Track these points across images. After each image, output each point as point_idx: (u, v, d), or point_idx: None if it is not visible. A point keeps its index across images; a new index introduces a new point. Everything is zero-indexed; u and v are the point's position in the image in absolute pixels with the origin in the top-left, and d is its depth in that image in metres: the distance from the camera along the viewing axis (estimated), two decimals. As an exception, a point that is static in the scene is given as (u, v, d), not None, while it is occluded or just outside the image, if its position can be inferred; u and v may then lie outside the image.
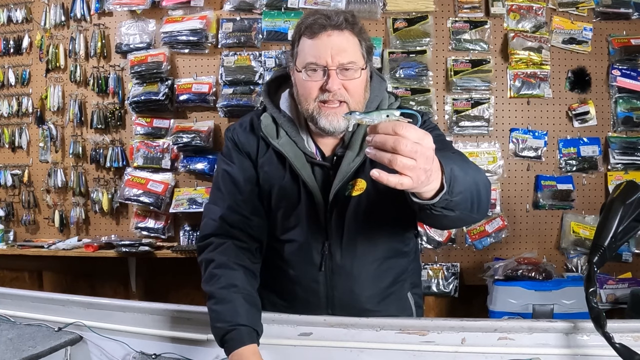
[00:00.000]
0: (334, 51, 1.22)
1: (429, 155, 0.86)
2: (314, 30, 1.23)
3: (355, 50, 1.25)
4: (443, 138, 1.36)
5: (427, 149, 0.85)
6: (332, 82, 1.22)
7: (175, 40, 3.00)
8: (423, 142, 0.84)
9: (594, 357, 1.07)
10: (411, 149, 0.83)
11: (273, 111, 1.37)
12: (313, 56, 1.23)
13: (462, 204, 1.01)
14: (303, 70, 1.25)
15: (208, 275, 1.26)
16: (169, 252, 2.93)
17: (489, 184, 1.16)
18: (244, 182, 1.34)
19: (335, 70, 1.23)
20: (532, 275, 2.67)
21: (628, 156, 2.90)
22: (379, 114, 0.87)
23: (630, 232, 1.17)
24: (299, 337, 1.16)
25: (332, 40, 1.23)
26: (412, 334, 1.12)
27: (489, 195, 1.15)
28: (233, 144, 1.40)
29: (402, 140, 0.82)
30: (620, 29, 2.96)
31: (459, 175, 0.97)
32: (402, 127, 0.83)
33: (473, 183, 1.04)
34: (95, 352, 1.25)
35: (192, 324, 1.22)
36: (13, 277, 3.30)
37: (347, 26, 1.24)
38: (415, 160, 0.84)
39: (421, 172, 0.86)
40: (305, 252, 1.30)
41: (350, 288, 1.32)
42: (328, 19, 1.23)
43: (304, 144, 1.33)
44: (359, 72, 1.25)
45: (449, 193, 0.96)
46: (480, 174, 1.12)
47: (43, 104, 3.22)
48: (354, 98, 1.26)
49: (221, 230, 1.30)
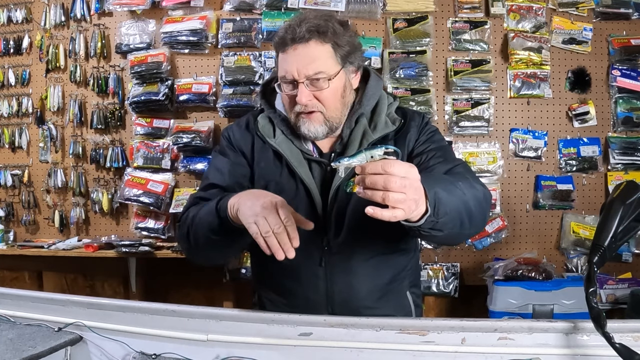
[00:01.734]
0: (299, 64, 1.25)
1: (417, 187, 0.94)
2: (281, 46, 1.27)
3: (324, 59, 1.27)
4: (444, 144, 1.39)
5: (414, 181, 0.93)
6: (300, 95, 1.26)
7: (175, 41, 3.00)
8: (410, 176, 0.92)
9: (594, 357, 1.06)
10: (400, 184, 0.90)
11: (269, 111, 1.41)
12: (284, 70, 1.27)
13: (450, 223, 1.07)
14: (281, 84, 1.29)
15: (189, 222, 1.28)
16: (169, 252, 2.93)
17: (485, 198, 1.20)
18: (233, 173, 1.37)
19: (303, 83, 1.25)
20: (532, 275, 2.67)
21: (628, 156, 2.91)
22: (364, 156, 0.94)
23: (630, 232, 1.16)
24: (299, 337, 1.16)
25: (297, 53, 1.25)
26: (412, 334, 1.12)
27: (483, 209, 1.19)
28: (228, 141, 1.43)
29: (391, 177, 0.90)
30: (620, 29, 2.96)
31: (443, 197, 1.03)
32: (390, 165, 0.90)
33: (460, 202, 1.09)
34: (95, 352, 1.25)
35: (192, 324, 1.21)
36: (13, 277, 3.31)
37: (311, 36, 1.25)
38: (405, 194, 0.91)
39: (411, 202, 0.93)
40: (305, 247, 1.31)
41: (349, 283, 1.33)
42: (293, 32, 1.25)
43: (300, 142, 1.36)
44: (326, 83, 1.27)
45: (434, 215, 1.01)
46: (473, 189, 1.16)
47: (43, 104, 3.22)
48: (328, 107, 1.29)
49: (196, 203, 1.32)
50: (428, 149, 1.35)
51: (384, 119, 1.38)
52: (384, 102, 1.40)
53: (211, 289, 3.05)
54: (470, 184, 1.17)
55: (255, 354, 1.16)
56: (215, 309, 1.23)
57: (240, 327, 1.19)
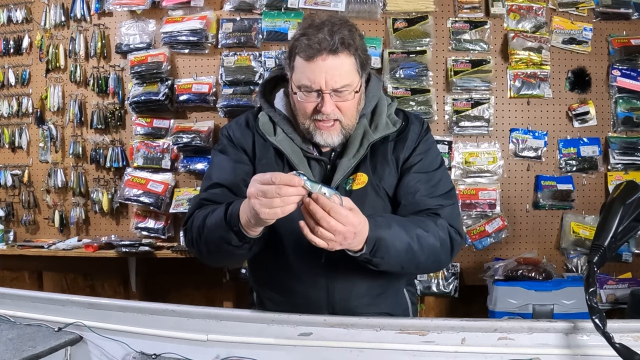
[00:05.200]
0: (328, 76, 1.24)
1: (347, 236, 1.07)
2: (309, 54, 1.24)
3: (350, 71, 1.27)
4: (436, 163, 1.39)
5: (348, 232, 1.06)
6: (326, 106, 1.26)
7: (175, 41, 3.00)
8: (347, 226, 1.06)
9: (594, 357, 1.07)
10: (332, 226, 1.04)
11: (269, 110, 1.41)
12: (308, 79, 1.25)
13: (384, 265, 1.20)
14: (298, 90, 1.28)
15: (196, 231, 1.27)
16: (169, 252, 2.93)
17: (443, 248, 1.27)
18: (236, 171, 1.36)
19: (329, 94, 1.26)
20: (532, 275, 2.67)
21: (628, 156, 2.90)
22: (319, 188, 1.05)
23: (630, 232, 1.17)
24: (299, 337, 1.16)
25: (327, 64, 1.24)
26: (412, 334, 1.12)
27: (437, 259, 1.29)
28: (228, 139, 1.43)
29: (328, 218, 1.04)
30: (620, 29, 2.96)
31: (383, 245, 1.16)
32: (335, 212, 1.04)
33: (405, 252, 1.19)
34: (95, 352, 1.25)
35: (192, 324, 1.22)
36: (13, 277, 3.30)
37: (342, 48, 1.24)
38: (333, 235, 1.06)
39: (336, 243, 1.08)
40: (305, 244, 1.31)
41: (350, 280, 1.34)
42: (324, 42, 1.22)
43: (300, 141, 1.36)
44: (352, 95, 1.28)
45: (370, 254, 1.16)
46: (431, 239, 1.23)
47: (43, 104, 3.22)
48: (347, 116, 1.31)
49: (202, 207, 1.31)
50: (419, 170, 1.36)
51: (384, 120, 1.38)
52: (384, 103, 1.41)
53: (211, 289, 3.05)
54: (431, 234, 1.24)
55: (255, 354, 1.16)
56: (215, 309, 1.23)
57: (240, 327, 1.19)
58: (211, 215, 1.23)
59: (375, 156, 1.36)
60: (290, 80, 1.32)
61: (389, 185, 1.36)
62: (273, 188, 1.02)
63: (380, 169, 1.35)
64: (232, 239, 1.17)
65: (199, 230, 1.26)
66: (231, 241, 1.18)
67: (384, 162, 1.36)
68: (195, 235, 1.28)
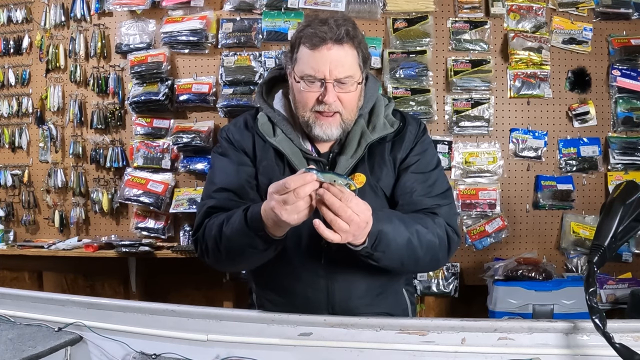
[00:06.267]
0: (332, 65, 1.25)
1: (361, 225, 1.07)
2: (314, 42, 1.25)
3: (353, 63, 1.28)
4: (433, 164, 1.40)
5: (362, 221, 1.06)
6: (328, 96, 1.26)
7: (175, 41, 3.00)
8: (360, 215, 1.05)
9: (594, 357, 1.07)
10: (349, 216, 1.03)
11: (268, 111, 1.41)
12: (312, 68, 1.26)
13: (385, 260, 1.19)
14: (301, 80, 1.28)
15: (212, 241, 1.26)
16: (169, 252, 2.94)
17: (441, 245, 1.27)
18: (239, 174, 1.36)
19: (332, 84, 1.26)
20: (532, 275, 2.67)
21: (628, 156, 2.91)
22: (330, 177, 1.05)
23: (630, 232, 1.17)
24: (299, 337, 1.16)
25: (331, 54, 1.25)
26: (412, 334, 1.12)
27: (435, 257, 1.28)
28: (228, 142, 1.42)
29: (346, 208, 1.03)
30: (620, 29, 2.96)
31: (385, 238, 1.15)
32: (350, 199, 1.03)
33: (405, 247, 1.19)
34: (95, 352, 1.25)
35: (192, 324, 1.21)
36: (13, 277, 3.30)
37: (347, 40, 1.26)
38: (349, 226, 1.05)
39: (349, 235, 1.07)
40: (305, 245, 1.32)
41: (349, 280, 1.34)
42: (330, 32, 1.24)
43: (299, 142, 1.37)
44: (354, 86, 1.29)
45: (371, 248, 1.15)
46: (429, 236, 1.24)
47: (43, 104, 3.22)
48: (347, 109, 1.31)
49: (211, 215, 1.31)
50: (416, 171, 1.37)
51: (382, 121, 1.39)
52: (381, 103, 1.42)
53: (211, 289, 3.05)
54: (430, 230, 1.25)
55: (255, 354, 1.16)
56: (215, 309, 1.23)
57: (240, 327, 1.19)
58: (227, 223, 1.22)
59: (373, 157, 1.37)
60: (292, 73, 1.32)
61: (386, 186, 1.36)
62: (292, 195, 1.03)
63: (378, 170, 1.36)
64: (258, 244, 1.17)
65: (215, 240, 1.25)
66: (257, 246, 1.18)
67: (382, 162, 1.37)
68: (211, 245, 1.27)
